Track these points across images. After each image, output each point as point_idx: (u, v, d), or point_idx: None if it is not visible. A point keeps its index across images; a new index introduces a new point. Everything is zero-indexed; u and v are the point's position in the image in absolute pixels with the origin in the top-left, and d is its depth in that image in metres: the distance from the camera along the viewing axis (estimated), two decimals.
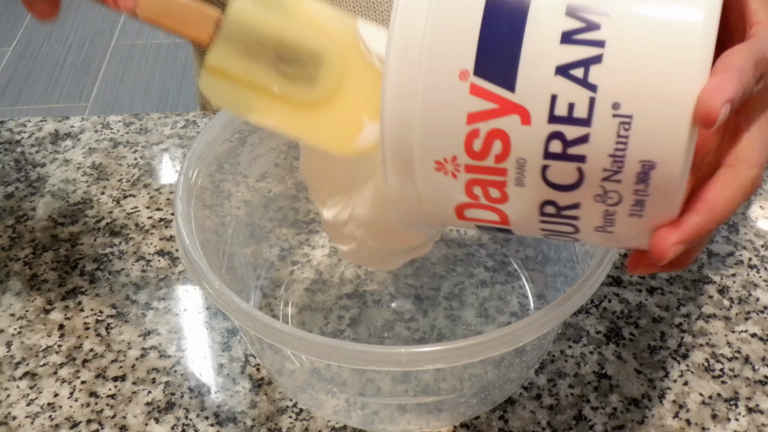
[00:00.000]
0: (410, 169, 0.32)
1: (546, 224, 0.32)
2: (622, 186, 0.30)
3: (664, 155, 0.29)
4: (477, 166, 0.31)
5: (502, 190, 0.31)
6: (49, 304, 0.51)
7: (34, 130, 0.65)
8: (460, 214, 0.33)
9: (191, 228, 0.42)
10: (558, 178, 0.30)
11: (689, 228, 0.31)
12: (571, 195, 0.30)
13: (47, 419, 0.45)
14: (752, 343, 0.48)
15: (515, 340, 0.36)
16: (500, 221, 0.33)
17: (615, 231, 0.32)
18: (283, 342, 0.36)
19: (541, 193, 0.31)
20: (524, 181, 0.30)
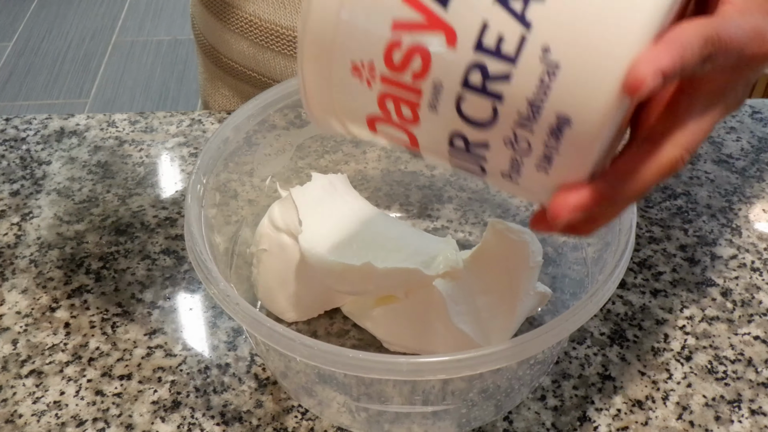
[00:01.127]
0: (327, 64, 0.30)
1: (454, 158, 0.31)
2: (534, 136, 0.28)
3: (582, 114, 0.27)
4: (393, 80, 0.29)
5: (414, 110, 0.30)
6: (54, 303, 0.51)
7: (40, 127, 0.65)
8: (372, 126, 0.32)
9: (201, 228, 0.42)
10: (472, 111, 0.29)
11: (591, 195, 0.29)
12: (482, 133, 0.29)
13: (53, 417, 0.45)
14: (755, 346, 0.48)
15: (519, 353, 0.36)
16: (410, 143, 0.32)
17: (520, 182, 0.30)
18: (285, 346, 0.36)
19: (453, 123, 0.29)
20: (438, 106, 0.29)
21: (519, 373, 0.43)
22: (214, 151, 0.46)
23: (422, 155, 0.33)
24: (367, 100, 0.30)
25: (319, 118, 0.34)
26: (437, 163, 0.33)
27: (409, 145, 0.32)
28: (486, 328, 0.46)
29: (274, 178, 0.53)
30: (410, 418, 0.44)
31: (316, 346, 0.36)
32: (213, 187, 0.46)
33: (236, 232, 0.51)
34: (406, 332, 0.46)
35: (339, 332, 0.49)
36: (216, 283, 0.38)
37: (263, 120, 0.49)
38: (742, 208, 0.57)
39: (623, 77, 0.26)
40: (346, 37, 0.29)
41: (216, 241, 0.46)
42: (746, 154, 0.62)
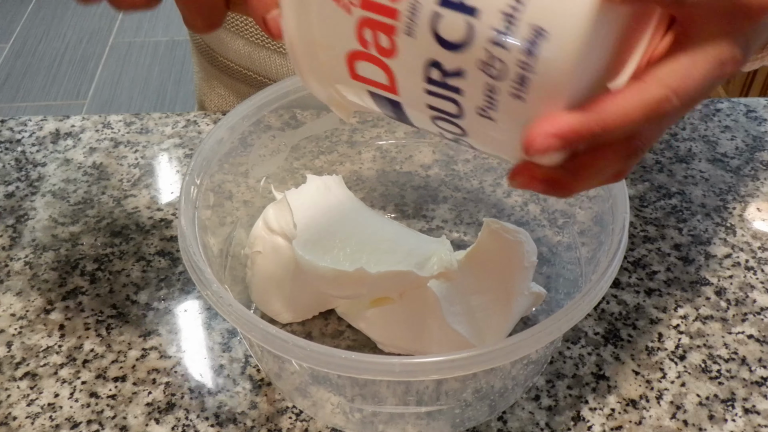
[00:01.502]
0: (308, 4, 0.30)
1: (432, 96, 0.30)
2: (509, 54, 0.27)
3: (559, 25, 0.26)
4: (371, 2, 0.29)
5: (391, 37, 0.29)
6: (49, 304, 0.51)
7: (35, 129, 0.65)
8: (353, 69, 0.31)
9: (194, 230, 0.42)
10: (447, 31, 0.28)
11: (568, 123, 0.27)
12: (457, 56, 0.28)
13: (48, 419, 0.45)
14: (749, 345, 0.48)
15: (512, 353, 0.36)
16: (389, 85, 0.31)
17: (497, 118, 0.29)
18: (279, 348, 0.36)
19: (429, 48, 0.28)
20: (414, 29, 0.28)
21: (513, 373, 0.43)
22: (208, 151, 0.46)
23: (401, 103, 0.32)
24: (347, 30, 0.30)
25: (306, 75, 0.33)
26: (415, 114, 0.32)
27: (388, 89, 0.31)
28: (481, 328, 0.46)
29: (269, 179, 0.53)
30: (404, 418, 0.44)
31: (309, 347, 0.36)
32: (207, 188, 0.46)
33: (231, 233, 0.51)
34: (401, 333, 0.46)
35: (333, 333, 0.49)
36: (209, 285, 0.39)
37: (258, 120, 0.49)
38: (737, 207, 0.57)
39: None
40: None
41: (210, 243, 0.46)
42: (741, 153, 0.62)
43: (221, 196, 0.49)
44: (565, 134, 0.27)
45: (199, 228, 0.43)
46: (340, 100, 0.35)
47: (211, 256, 0.45)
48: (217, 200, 0.49)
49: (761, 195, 0.58)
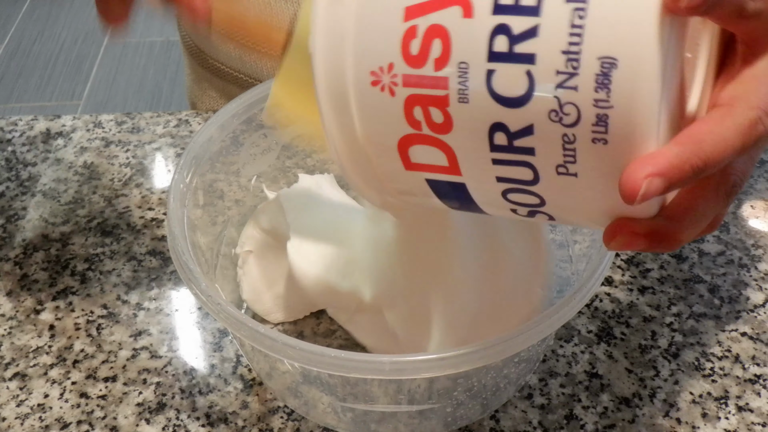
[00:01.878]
0: (344, 88, 0.28)
1: (500, 166, 0.27)
2: (580, 95, 0.25)
3: (628, 48, 0.24)
4: (415, 76, 0.27)
5: (444, 109, 0.27)
6: (39, 305, 0.51)
7: (26, 129, 0.65)
8: (406, 159, 0.29)
9: (183, 228, 0.42)
10: (505, 87, 0.25)
11: (668, 159, 0.25)
12: (522, 113, 0.26)
13: (37, 420, 0.45)
14: (742, 342, 0.48)
15: (504, 351, 0.36)
16: (449, 166, 0.29)
17: (579, 172, 0.26)
18: (268, 347, 0.36)
19: (488, 111, 0.26)
20: (468, 94, 0.26)
21: (505, 371, 0.43)
22: (198, 150, 0.46)
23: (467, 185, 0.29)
24: (394, 115, 0.28)
25: (358, 184, 0.32)
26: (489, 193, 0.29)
27: (450, 172, 0.29)
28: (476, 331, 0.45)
29: (261, 178, 0.53)
30: (396, 417, 0.43)
31: (298, 346, 0.35)
32: (198, 186, 0.46)
33: (222, 232, 0.50)
34: (389, 338, 0.45)
35: (326, 332, 0.49)
36: (197, 284, 0.38)
37: (249, 119, 0.49)
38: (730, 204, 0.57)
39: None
40: (359, 46, 0.27)
41: (200, 242, 0.46)
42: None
43: (212, 195, 0.49)
44: (667, 172, 0.25)
45: (188, 227, 0.43)
46: (397, 203, 0.33)
47: (200, 255, 0.45)
48: (208, 199, 0.48)
49: (755, 192, 0.58)
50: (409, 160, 0.29)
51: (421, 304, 0.43)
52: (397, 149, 0.29)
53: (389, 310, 0.44)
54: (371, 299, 0.45)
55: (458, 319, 0.43)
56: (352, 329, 0.47)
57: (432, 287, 0.43)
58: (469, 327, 0.43)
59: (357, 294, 0.45)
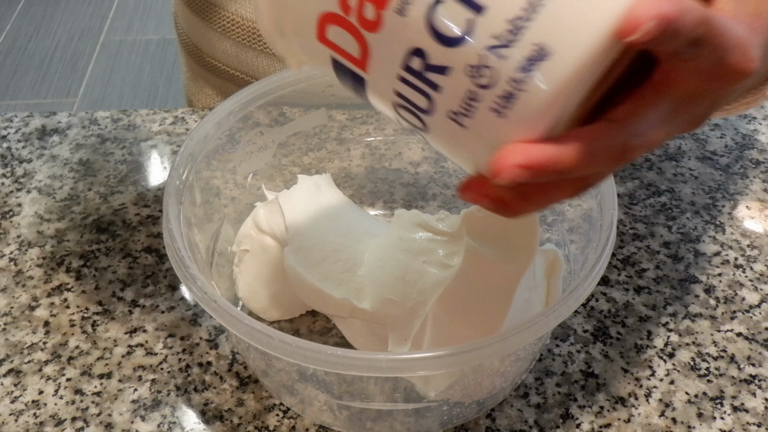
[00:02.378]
0: None
1: (403, 83, 0.28)
2: (503, 65, 0.25)
3: (565, 50, 0.24)
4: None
5: (379, 11, 0.26)
6: (34, 301, 0.51)
7: (21, 125, 0.64)
8: (322, 31, 0.29)
9: (179, 225, 0.42)
10: (443, 22, 0.26)
11: (540, 156, 0.27)
12: (446, 53, 0.26)
13: (32, 417, 0.44)
14: (738, 343, 0.48)
15: (501, 349, 0.36)
16: (359, 58, 0.28)
17: (468, 126, 0.27)
18: (264, 344, 0.36)
19: (417, 35, 0.26)
20: (408, 10, 0.26)
21: (501, 370, 0.43)
22: (194, 147, 0.46)
23: (366, 80, 0.29)
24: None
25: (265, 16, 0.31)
26: (377, 97, 0.30)
27: (356, 63, 0.29)
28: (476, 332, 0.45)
29: (257, 176, 0.53)
30: (392, 416, 0.43)
31: (294, 344, 0.35)
32: (194, 184, 0.46)
33: (218, 229, 0.50)
34: (381, 345, 0.45)
35: (322, 330, 0.49)
36: (194, 281, 0.38)
37: (245, 116, 0.49)
38: (726, 205, 0.57)
39: (620, 15, 0.24)
40: None
41: (196, 239, 0.46)
42: (730, 151, 0.62)
43: (208, 193, 0.49)
44: (535, 167, 0.27)
45: (185, 224, 0.43)
46: (296, 53, 0.32)
47: (197, 252, 0.45)
48: (204, 197, 0.48)
49: (750, 193, 0.58)
50: (324, 34, 0.29)
51: (424, 326, 0.43)
52: (317, 19, 0.29)
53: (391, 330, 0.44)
54: (370, 310, 0.44)
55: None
56: (344, 330, 0.47)
57: (438, 308, 0.43)
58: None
59: (351, 302, 0.45)
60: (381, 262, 0.46)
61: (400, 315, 0.44)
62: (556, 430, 0.44)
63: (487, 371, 0.42)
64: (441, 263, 0.45)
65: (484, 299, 0.43)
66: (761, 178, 0.59)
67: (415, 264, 0.45)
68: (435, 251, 0.45)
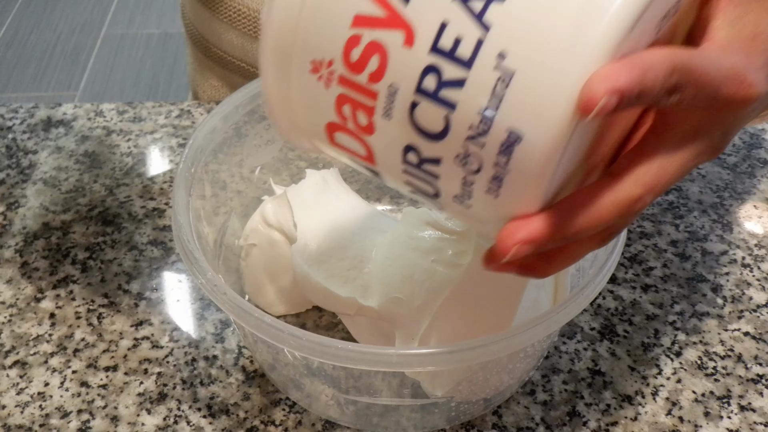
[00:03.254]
0: (288, 64, 0.30)
1: (408, 175, 0.30)
2: (485, 152, 0.27)
3: (533, 131, 0.26)
4: (350, 80, 0.28)
5: (370, 117, 0.29)
6: (40, 293, 0.50)
7: (26, 116, 0.64)
8: (331, 137, 0.31)
9: (188, 218, 0.41)
10: (424, 120, 0.27)
11: (539, 227, 0.27)
12: (434, 146, 0.28)
13: (37, 408, 0.44)
14: (745, 342, 0.48)
15: (510, 345, 0.36)
16: (367, 157, 0.31)
17: (472, 207, 0.29)
18: (273, 337, 0.36)
19: (406, 133, 0.28)
20: (392, 112, 0.28)
21: (509, 367, 0.43)
22: (202, 140, 0.46)
23: (380, 173, 0.32)
24: (326, 104, 0.30)
25: (284, 130, 0.33)
26: (393, 183, 0.32)
27: (366, 159, 0.31)
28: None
29: (264, 169, 0.53)
30: (399, 411, 0.43)
31: (304, 337, 0.35)
32: (201, 177, 0.46)
33: (225, 222, 0.50)
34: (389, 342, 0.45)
35: (328, 325, 0.49)
36: (203, 273, 0.38)
37: (252, 110, 0.49)
38: (733, 204, 0.57)
39: (576, 94, 0.25)
40: (307, 34, 0.29)
41: (204, 232, 0.46)
42: (738, 150, 0.62)
43: (215, 186, 0.49)
44: (535, 240, 0.27)
45: (193, 216, 0.43)
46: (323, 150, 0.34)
47: (205, 245, 0.44)
48: (211, 190, 0.48)
49: (758, 192, 0.58)
50: (334, 140, 0.31)
51: (432, 325, 0.43)
52: (325, 129, 0.31)
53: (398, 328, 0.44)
54: (377, 308, 0.44)
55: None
56: (350, 327, 0.47)
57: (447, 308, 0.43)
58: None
59: (356, 301, 0.44)
60: (389, 260, 0.46)
61: (408, 314, 0.43)
62: (563, 427, 0.44)
63: (495, 368, 0.42)
64: (450, 262, 0.44)
65: (492, 298, 0.43)
66: None
67: (423, 263, 0.45)
68: (444, 250, 0.45)
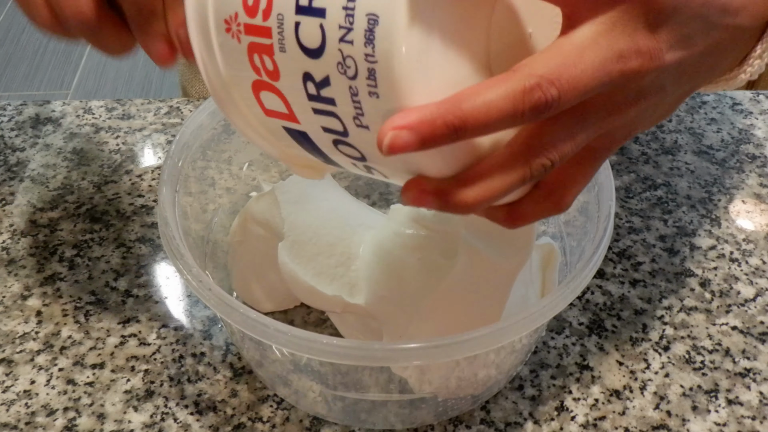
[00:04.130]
0: (209, 34, 0.31)
1: (318, 115, 0.29)
2: (355, 49, 0.26)
3: (386, 7, 0.26)
4: (251, 25, 0.29)
5: (272, 58, 0.29)
6: (26, 290, 0.50)
7: (14, 114, 0.64)
8: (261, 104, 0.31)
9: (174, 214, 0.41)
10: (307, 38, 0.28)
11: (419, 114, 0.25)
12: (320, 63, 0.28)
13: (23, 407, 0.44)
14: (733, 336, 0.48)
15: (497, 339, 0.35)
16: (288, 113, 0.31)
17: (369, 125, 0.28)
18: (259, 333, 0.36)
19: (300, 61, 0.28)
20: (284, 43, 0.28)
21: (496, 362, 0.43)
22: (189, 136, 0.45)
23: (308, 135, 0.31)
24: (242, 61, 0.30)
25: (240, 126, 0.33)
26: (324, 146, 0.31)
27: (289, 118, 0.31)
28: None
29: (252, 166, 0.53)
30: (387, 407, 0.43)
31: (290, 332, 0.35)
32: (189, 174, 0.46)
33: (212, 219, 0.50)
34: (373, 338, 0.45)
35: (316, 322, 0.49)
36: (189, 269, 0.38)
37: None
38: (722, 199, 0.57)
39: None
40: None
41: (191, 229, 0.45)
42: (726, 145, 0.62)
43: (203, 183, 0.49)
44: (416, 126, 0.25)
45: (180, 213, 0.43)
46: (293, 155, 0.34)
47: (192, 242, 0.44)
48: (199, 186, 0.48)
49: (746, 187, 0.58)
50: (264, 105, 0.31)
51: (420, 323, 0.43)
52: (253, 94, 0.31)
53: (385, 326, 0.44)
54: (365, 305, 0.44)
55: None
56: (338, 325, 0.47)
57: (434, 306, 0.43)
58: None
59: (343, 299, 0.44)
60: (376, 257, 0.46)
61: (395, 311, 0.43)
62: (551, 422, 0.44)
63: (482, 364, 0.42)
64: (436, 260, 0.44)
65: (479, 296, 0.43)
66: (757, 172, 0.59)
67: (410, 260, 0.45)
68: (430, 247, 0.45)
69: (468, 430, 0.43)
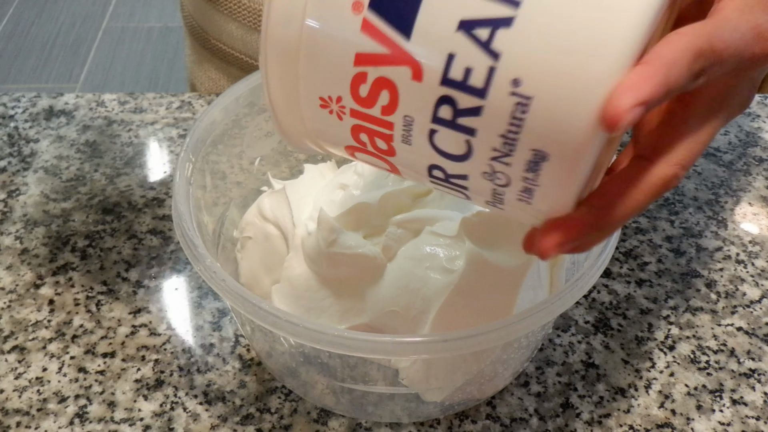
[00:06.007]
0: (296, 100, 0.29)
1: (436, 185, 0.30)
2: (511, 170, 0.27)
3: (559, 151, 0.26)
4: (363, 113, 0.28)
5: (389, 143, 0.29)
6: (39, 279, 0.51)
7: (28, 105, 0.64)
8: (351, 154, 0.31)
9: (189, 206, 0.42)
10: (445, 145, 0.27)
11: (575, 227, 0.27)
12: (459, 165, 0.28)
13: (35, 393, 0.45)
14: (738, 337, 0.49)
15: (505, 335, 0.36)
16: (392, 170, 0.31)
17: (505, 209, 0.29)
18: (271, 323, 0.36)
19: (429, 156, 0.28)
20: (411, 140, 0.28)
21: (503, 357, 0.43)
22: (202, 131, 0.46)
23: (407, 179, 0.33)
24: (341, 132, 0.29)
25: (293, 140, 0.33)
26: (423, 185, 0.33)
27: (392, 171, 0.32)
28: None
29: (263, 161, 0.53)
30: (394, 400, 0.44)
31: (301, 323, 0.36)
32: (202, 168, 0.46)
33: (224, 213, 0.50)
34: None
35: None
36: (202, 260, 0.38)
37: (252, 102, 0.49)
38: (729, 201, 0.57)
39: (599, 111, 0.24)
40: (310, 71, 0.28)
41: (204, 221, 0.46)
42: (734, 147, 0.62)
43: (215, 177, 0.49)
44: (573, 238, 0.27)
45: (193, 206, 0.43)
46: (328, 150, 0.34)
47: (204, 234, 0.45)
48: (211, 180, 0.48)
49: (753, 190, 0.58)
50: (356, 157, 0.32)
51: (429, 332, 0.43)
52: (345, 150, 0.32)
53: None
54: (371, 323, 0.44)
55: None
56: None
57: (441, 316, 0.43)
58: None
59: (349, 314, 0.44)
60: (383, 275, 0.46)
61: (403, 324, 0.43)
62: (556, 419, 0.44)
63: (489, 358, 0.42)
64: (443, 267, 0.44)
65: (487, 302, 0.43)
66: (764, 175, 0.60)
67: (417, 271, 0.44)
68: (436, 255, 0.45)
69: (474, 425, 0.44)
